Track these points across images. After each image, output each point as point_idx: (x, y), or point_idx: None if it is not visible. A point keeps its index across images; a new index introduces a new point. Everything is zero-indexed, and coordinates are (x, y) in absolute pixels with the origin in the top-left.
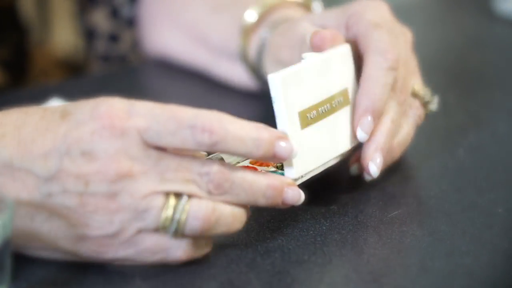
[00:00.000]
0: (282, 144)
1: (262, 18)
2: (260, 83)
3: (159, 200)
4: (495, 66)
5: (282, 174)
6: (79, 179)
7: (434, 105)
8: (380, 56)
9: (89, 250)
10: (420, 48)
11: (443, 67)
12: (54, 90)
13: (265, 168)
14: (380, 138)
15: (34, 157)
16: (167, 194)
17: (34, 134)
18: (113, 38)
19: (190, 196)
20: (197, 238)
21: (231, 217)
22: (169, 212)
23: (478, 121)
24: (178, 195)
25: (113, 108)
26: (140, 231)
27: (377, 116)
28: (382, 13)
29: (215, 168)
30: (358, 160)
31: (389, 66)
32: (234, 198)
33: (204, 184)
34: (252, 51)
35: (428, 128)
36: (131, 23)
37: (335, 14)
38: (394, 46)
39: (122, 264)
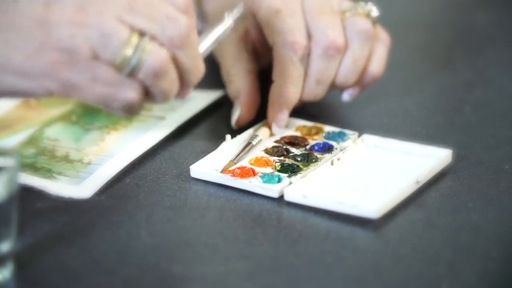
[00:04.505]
0: None
1: None
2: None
3: (124, 32)
4: (503, 23)
5: (278, 177)
6: None
7: (374, 12)
8: (288, 49)
9: (43, 67)
10: (427, 4)
11: (451, 23)
12: None
13: (263, 169)
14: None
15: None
16: (132, 32)
17: None
18: None
19: (152, 38)
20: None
21: (176, 82)
22: (130, 48)
23: (485, 78)
24: (141, 36)
25: None
26: (97, 58)
27: (291, 107)
28: None
29: (184, 19)
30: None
31: (299, 56)
32: (185, 59)
33: (169, 29)
34: None
35: (434, 84)
36: None
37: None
38: (298, 28)
39: (69, 93)
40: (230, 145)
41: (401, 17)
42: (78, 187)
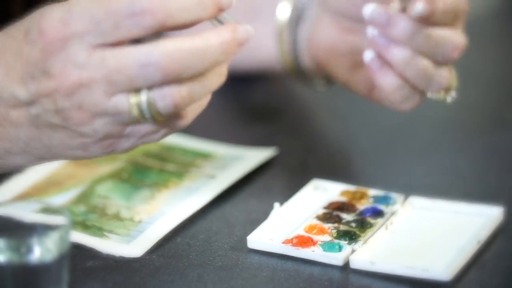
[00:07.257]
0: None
1: None
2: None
3: (122, 99)
4: None
5: (339, 245)
6: (49, 97)
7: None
8: None
9: (99, 152)
10: (478, 61)
11: (502, 81)
12: None
13: (321, 237)
14: None
15: (14, 83)
16: (128, 92)
17: (12, 60)
18: None
19: (149, 87)
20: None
21: (203, 88)
22: (136, 109)
23: None
24: (137, 90)
25: (51, 21)
26: (128, 125)
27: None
28: None
29: (156, 54)
30: None
31: None
32: (193, 72)
33: (153, 76)
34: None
35: (486, 142)
36: None
37: None
38: None
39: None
40: (280, 213)
41: None
42: (129, 245)
